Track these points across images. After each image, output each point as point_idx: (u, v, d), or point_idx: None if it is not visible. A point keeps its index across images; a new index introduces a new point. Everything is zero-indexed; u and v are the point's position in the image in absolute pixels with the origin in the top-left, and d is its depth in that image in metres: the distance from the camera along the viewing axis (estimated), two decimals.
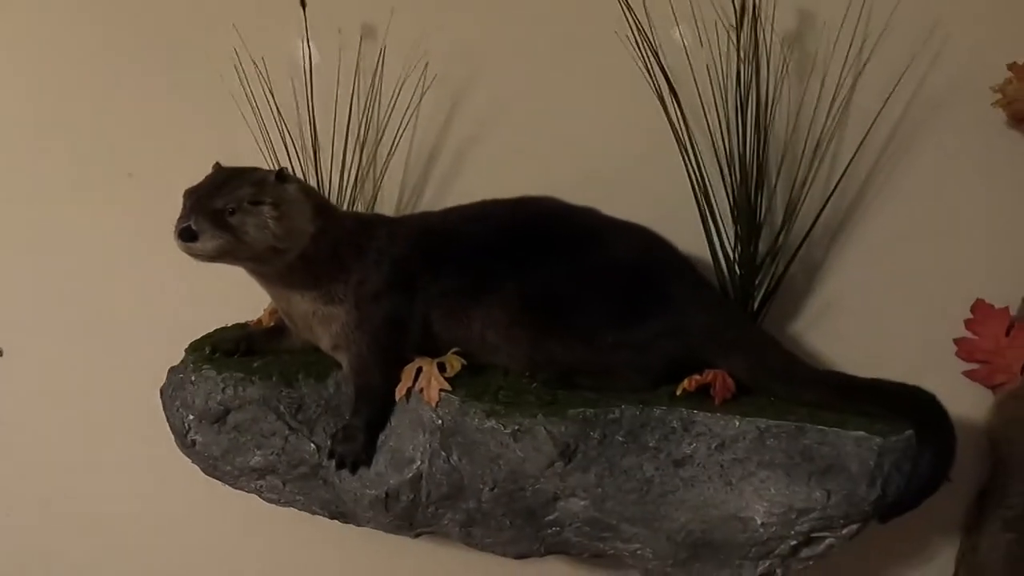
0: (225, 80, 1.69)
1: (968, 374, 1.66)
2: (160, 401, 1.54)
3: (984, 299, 1.64)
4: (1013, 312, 1.64)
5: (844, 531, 1.35)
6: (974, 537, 1.67)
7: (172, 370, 1.53)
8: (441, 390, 1.40)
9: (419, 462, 1.42)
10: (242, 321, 1.66)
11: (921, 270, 1.66)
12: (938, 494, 1.60)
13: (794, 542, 1.36)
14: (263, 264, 1.37)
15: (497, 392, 1.41)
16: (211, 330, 1.64)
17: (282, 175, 1.37)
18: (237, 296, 1.57)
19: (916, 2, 1.57)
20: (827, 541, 1.37)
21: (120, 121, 1.79)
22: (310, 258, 1.39)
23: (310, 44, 1.67)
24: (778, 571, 1.40)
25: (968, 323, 1.65)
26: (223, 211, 1.30)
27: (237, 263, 1.37)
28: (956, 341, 1.65)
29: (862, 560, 1.74)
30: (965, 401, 1.65)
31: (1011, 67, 1.54)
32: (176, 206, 1.31)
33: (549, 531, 1.44)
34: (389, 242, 1.45)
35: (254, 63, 1.67)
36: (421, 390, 1.42)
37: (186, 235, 1.28)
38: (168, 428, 1.54)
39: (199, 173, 1.38)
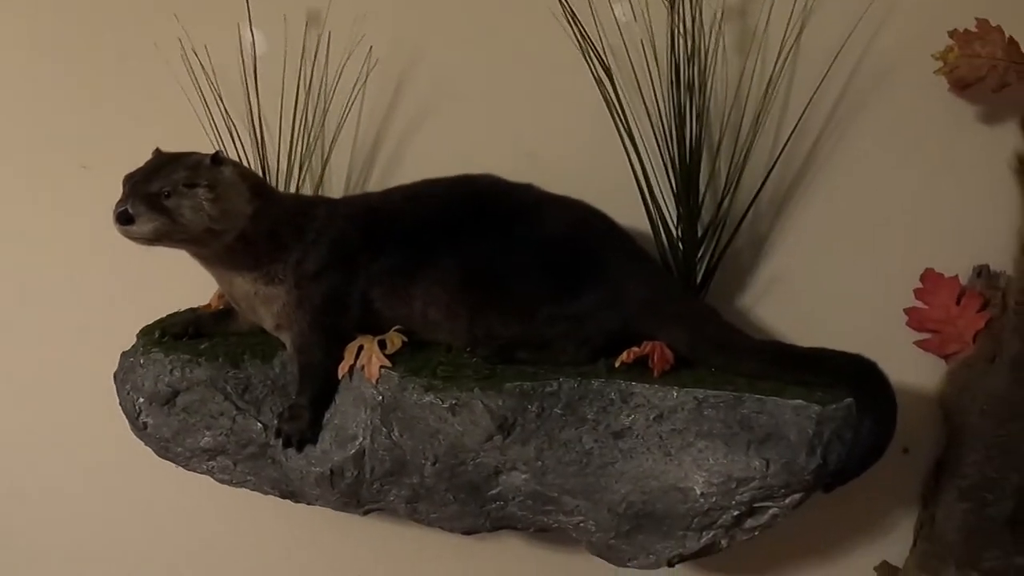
0: (173, 69, 1.70)
1: (920, 344, 1.66)
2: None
3: (933, 268, 1.63)
4: (963, 281, 1.63)
5: (787, 500, 1.35)
6: (931, 508, 1.67)
7: (124, 355, 1.54)
8: (381, 367, 1.41)
9: (361, 438, 1.44)
10: (196, 306, 1.66)
11: (869, 240, 1.66)
12: (896, 465, 1.63)
13: (736, 512, 1.36)
14: (202, 246, 1.39)
15: (436, 367, 1.42)
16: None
17: (217, 158, 1.38)
18: (192, 282, 1.57)
19: None
20: (771, 511, 1.37)
21: (72, 114, 1.80)
22: (249, 239, 1.40)
23: (254, 31, 1.68)
24: (722, 542, 1.40)
25: (918, 293, 1.64)
26: (159, 194, 1.32)
27: (176, 245, 1.38)
28: (907, 311, 1.65)
29: (821, 532, 1.74)
30: (918, 371, 1.66)
31: (952, 34, 1.54)
32: None
33: (493, 505, 1.44)
34: (328, 222, 1.46)
35: (195, 52, 1.68)
36: (363, 367, 1.43)
37: (123, 218, 1.31)
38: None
39: None
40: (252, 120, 1.68)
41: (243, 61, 1.68)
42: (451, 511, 1.46)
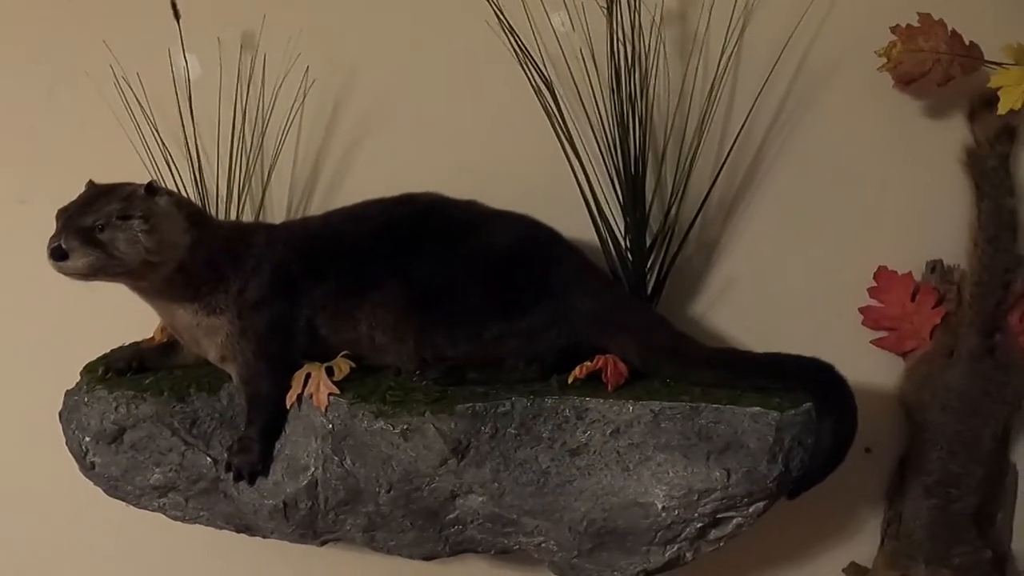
0: (107, 98, 1.67)
1: (877, 342, 1.65)
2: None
3: (887, 266, 1.62)
4: (917, 277, 1.62)
5: (750, 510, 1.34)
6: (897, 506, 1.67)
7: (68, 393, 1.50)
8: (330, 394, 1.38)
9: (313, 468, 1.41)
10: (139, 340, 1.63)
11: (820, 241, 1.65)
12: (859, 465, 1.62)
13: (700, 524, 1.34)
14: (140, 279, 1.36)
15: (386, 392, 1.39)
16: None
17: (151, 187, 1.35)
18: (135, 316, 1.53)
19: None
20: (734, 521, 1.35)
21: (7, 149, 1.77)
22: (188, 270, 1.37)
23: (187, 56, 1.65)
24: (687, 555, 1.39)
25: (872, 291, 1.63)
26: (92, 228, 1.29)
27: (114, 280, 1.35)
28: (862, 310, 1.64)
29: (788, 536, 1.73)
30: (877, 370, 1.66)
31: (895, 29, 1.53)
32: None
33: (452, 530, 1.42)
34: (267, 248, 1.43)
35: (127, 80, 1.65)
36: (311, 396, 1.40)
37: (56, 254, 1.27)
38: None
39: None
40: (189, 146, 1.65)
41: (177, 86, 1.65)
42: (409, 538, 1.44)
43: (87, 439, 1.48)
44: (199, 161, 1.66)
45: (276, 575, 1.84)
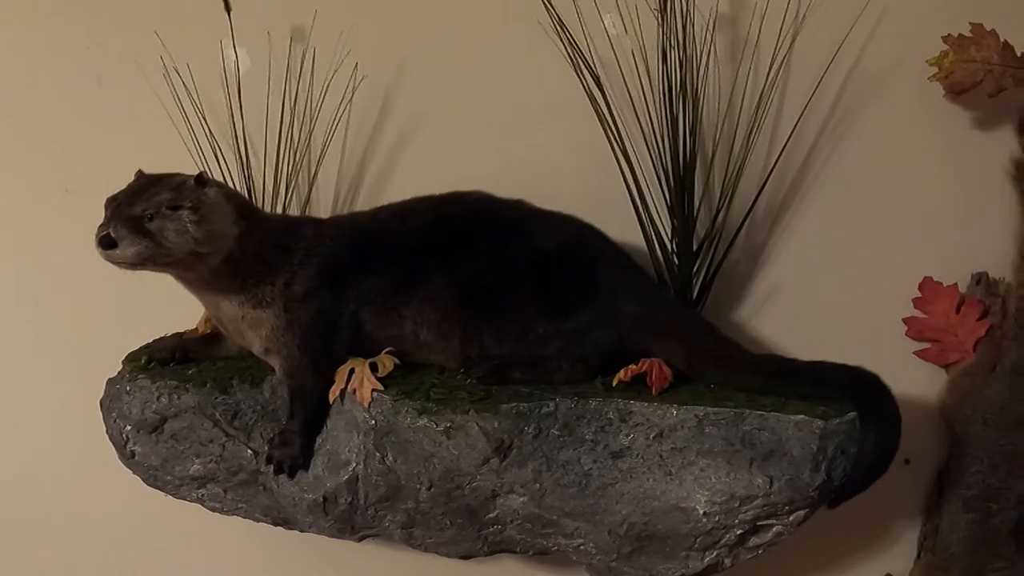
0: (156, 88, 1.68)
1: (920, 354, 1.64)
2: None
3: (932, 277, 1.61)
4: (963, 289, 1.61)
5: (791, 518, 1.33)
6: (935, 519, 1.65)
7: (109, 381, 1.51)
8: (373, 390, 1.39)
9: (354, 464, 1.41)
10: (182, 330, 1.63)
11: (866, 250, 1.64)
12: (898, 477, 1.61)
13: (740, 531, 1.34)
14: (187, 270, 1.36)
15: (429, 390, 1.39)
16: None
17: (201, 179, 1.35)
18: (178, 306, 1.54)
19: None
20: (774, 529, 1.35)
21: (54, 136, 1.78)
22: (235, 261, 1.38)
23: (236, 49, 1.66)
24: (726, 561, 1.38)
25: (917, 302, 1.62)
26: (141, 217, 1.29)
27: (161, 269, 1.35)
28: (906, 321, 1.63)
29: (824, 546, 1.72)
30: (919, 381, 1.64)
31: (946, 39, 1.52)
32: None
33: (491, 529, 1.42)
34: (315, 242, 1.44)
35: (177, 71, 1.66)
36: (354, 391, 1.40)
37: (105, 242, 1.28)
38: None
39: None
40: (237, 139, 1.65)
41: (226, 79, 1.66)
42: (447, 536, 1.44)
43: (128, 428, 1.49)
44: (247, 155, 1.66)
45: (312, 570, 1.84)
